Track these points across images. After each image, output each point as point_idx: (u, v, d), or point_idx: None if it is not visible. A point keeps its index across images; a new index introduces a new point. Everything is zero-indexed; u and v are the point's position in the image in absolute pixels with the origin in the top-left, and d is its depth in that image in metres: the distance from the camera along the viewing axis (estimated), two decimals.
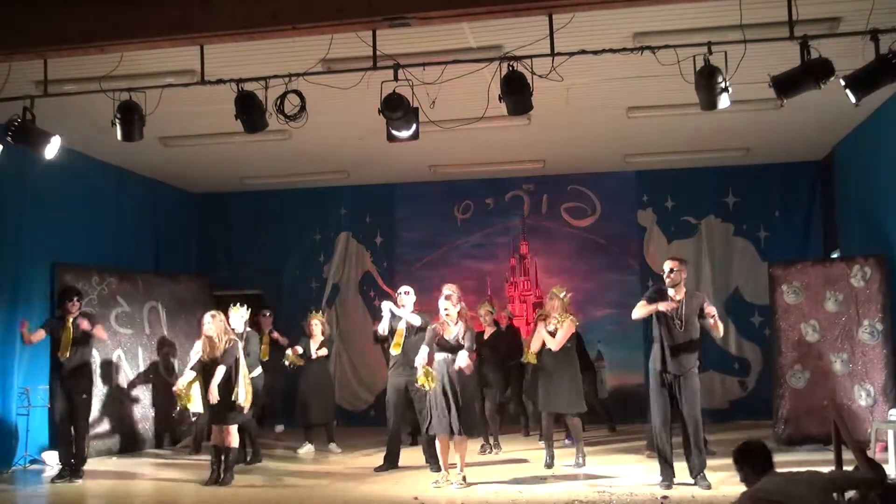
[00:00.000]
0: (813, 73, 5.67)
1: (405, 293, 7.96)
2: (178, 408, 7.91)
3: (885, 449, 7.28)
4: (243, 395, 7.45)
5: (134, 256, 10.83)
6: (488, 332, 9.18)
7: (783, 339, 9.03)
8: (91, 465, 8.17)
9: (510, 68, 5.98)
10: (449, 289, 7.17)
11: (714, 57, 5.84)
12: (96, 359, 9.28)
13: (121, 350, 9.82)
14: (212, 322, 7.47)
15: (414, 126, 6.39)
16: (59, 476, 7.74)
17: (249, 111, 6.34)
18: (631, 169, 11.69)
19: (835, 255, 10.53)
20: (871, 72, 5.70)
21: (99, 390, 9.32)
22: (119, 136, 6.60)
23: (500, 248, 12.22)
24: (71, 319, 7.85)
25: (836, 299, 8.85)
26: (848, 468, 4.76)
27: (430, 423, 6.97)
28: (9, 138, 6.72)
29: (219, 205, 12.77)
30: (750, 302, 11.41)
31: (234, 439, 7.46)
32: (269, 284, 12.30)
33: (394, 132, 6.41)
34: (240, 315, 8.80)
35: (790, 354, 8.96)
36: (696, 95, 6.05)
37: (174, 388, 7.72)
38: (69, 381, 7.78)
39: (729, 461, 4.56)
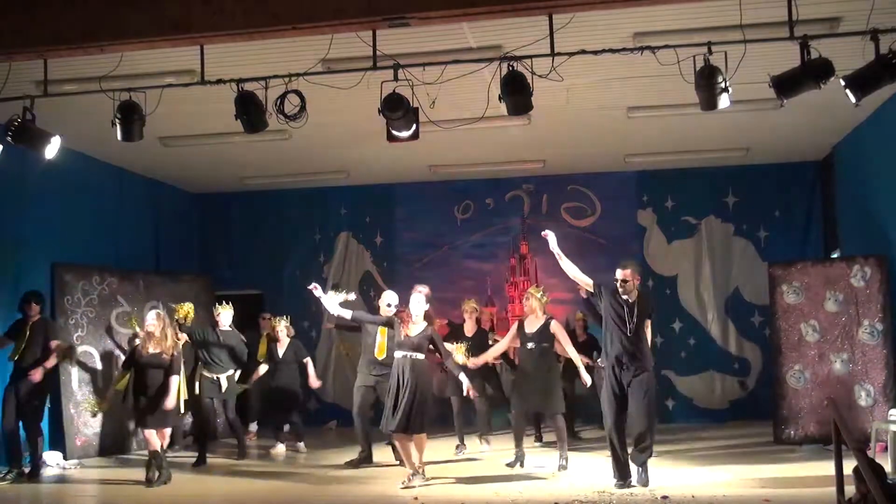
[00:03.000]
0: (813, 73, 5.68)
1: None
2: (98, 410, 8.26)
3: (885, 449, 7.29)
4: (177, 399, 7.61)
5: (134, 256, 10.83)
6: (471, 328, 9.18)
7: (783, 339, 9.04)
8: (91, 464, 8.17)
9: (510, 68, 5.98)
10: (425, 287, 7.27)
11: (714, 57, 5.84)
12: (93, 359, 9.36)
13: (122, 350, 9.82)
14: (156, 320, 7.49)
15: (414, 126, 6.39)
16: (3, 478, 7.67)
17: (249, 111, 6.34)
18: (631, 169, 11.68)
19: (835, 255, 10.53)
20: (871, 72, 5.70)
21: (99, 390, 9.37)
22: (119, 136, 6.60)
23: (500, 248, 12.21)
24: (29, 324, 7.95)
25: (836, 299, 8.85)
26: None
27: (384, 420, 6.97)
28: (9, 138, 6.72)
29: (219, 205, 12.77)
30: (750, 302, 11.41)
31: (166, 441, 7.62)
32: (269, 284, 12.30)
33: (394, 132, 6.41)
34: (228, 313, 8.94)
35: (790, 354, 8.96)
36: (696, 95, 6.05)
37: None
38: (21, 386, 7.77)
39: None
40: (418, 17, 5.46)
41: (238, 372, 8.92)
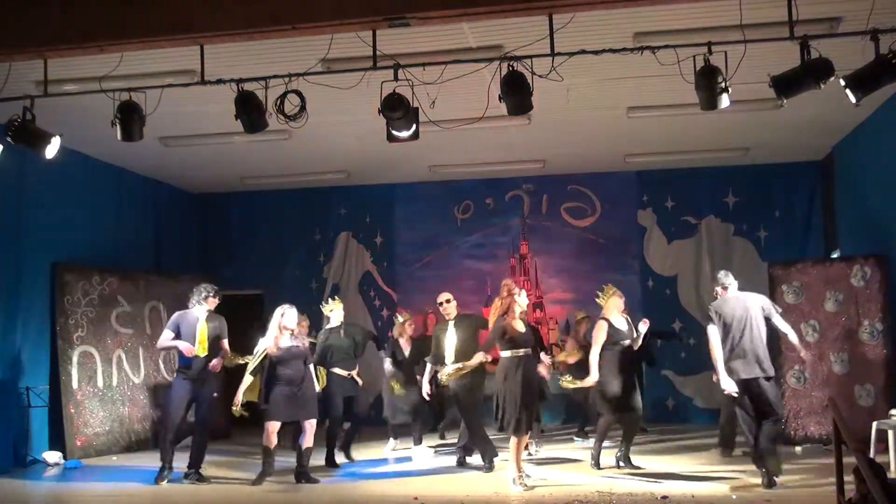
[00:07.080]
0: (813, 73, 5.67)
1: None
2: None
3: (886, 449, 7.29)
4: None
5: (134, 256, 10.83)
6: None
7: (783, 339, 9.02)
8: (91, 463, 8.16)
9: (510, 68, 5.98)
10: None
11: (714, 57, 5.84)
12: (94, 359, 9.37)
13: (121, 350, 9.82)
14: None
15: (414, 126, 6.38)
16: (185, 476, 7.43)
17: (249, 111, 6.34)
18: (631, 169, 11.69)
19: (835, 255, 10.53)
20: (871, 72, 5.70)
21: (99, 390, 9.39)
22: (119, 136, 6.60)
23: (500, 248, 12.21)
24: (205, 316, 7.56)
25: (836, 299, 8.85)
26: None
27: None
28: (9, 138, 6.72)
29: (219, 205, 12.78)
30: None
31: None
32: (269, 284, 12.30)
33: (394, 132, 6.41)
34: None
35: (790, 354, 8.95)
36: (696, 95, 6.04)
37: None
38: (200, 377, 7.41)
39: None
40: (418, 17, 5.46)
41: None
